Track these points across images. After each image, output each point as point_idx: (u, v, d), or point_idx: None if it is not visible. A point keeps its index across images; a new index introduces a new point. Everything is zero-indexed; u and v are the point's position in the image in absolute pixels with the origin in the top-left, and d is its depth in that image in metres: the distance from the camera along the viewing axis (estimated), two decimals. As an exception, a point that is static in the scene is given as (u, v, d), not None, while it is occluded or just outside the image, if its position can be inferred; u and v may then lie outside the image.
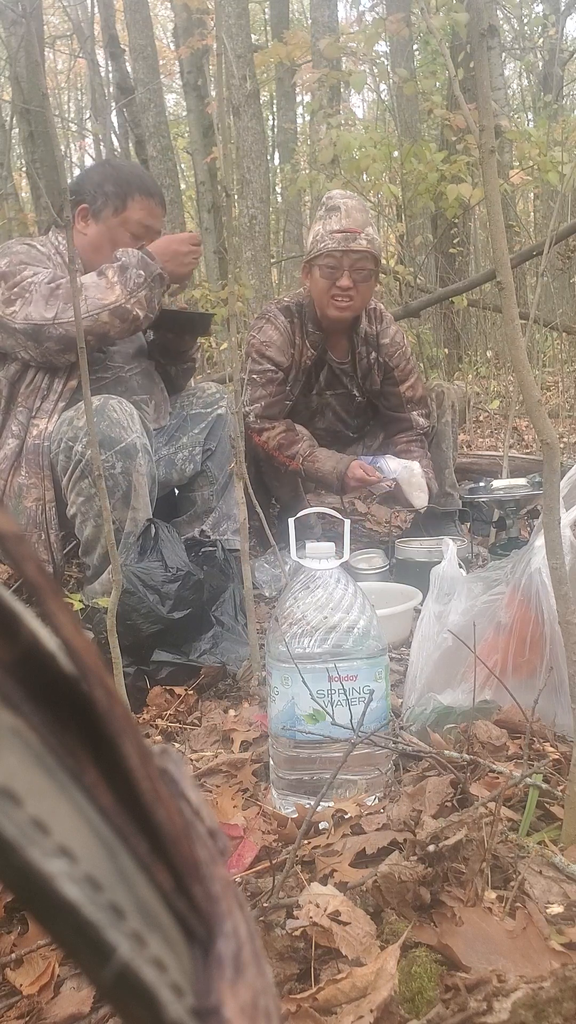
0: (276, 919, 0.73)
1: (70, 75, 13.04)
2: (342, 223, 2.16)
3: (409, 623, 1.70)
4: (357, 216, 2.18)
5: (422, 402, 2.44)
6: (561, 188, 3.32)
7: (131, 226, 1.87)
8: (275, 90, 10.41)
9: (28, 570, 0.20)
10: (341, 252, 2.17)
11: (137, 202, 1.88)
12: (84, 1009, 0.70)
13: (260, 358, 2.31)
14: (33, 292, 1.70)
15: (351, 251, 2.16)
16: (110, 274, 1.74)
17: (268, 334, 2.32)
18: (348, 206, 2.19)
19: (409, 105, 6.26)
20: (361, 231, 2.16)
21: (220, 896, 0.22)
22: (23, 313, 1.69)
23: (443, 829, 0.75)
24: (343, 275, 2.19)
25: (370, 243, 2.18)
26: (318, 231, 2.21)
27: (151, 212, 1.91)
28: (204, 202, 8.32)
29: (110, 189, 1.87)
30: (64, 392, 1.79)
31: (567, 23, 11.25)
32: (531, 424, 2.21)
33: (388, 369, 2.41)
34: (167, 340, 2.07)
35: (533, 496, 2.13)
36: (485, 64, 1.04)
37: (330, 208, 2.20)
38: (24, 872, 0.18)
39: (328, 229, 2.18)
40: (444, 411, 2.52)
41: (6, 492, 1.78)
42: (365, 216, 2.20)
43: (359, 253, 2.17)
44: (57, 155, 1.36)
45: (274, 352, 2.31)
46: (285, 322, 2.33)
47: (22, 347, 1.74)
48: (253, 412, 2.29)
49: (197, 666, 1.47)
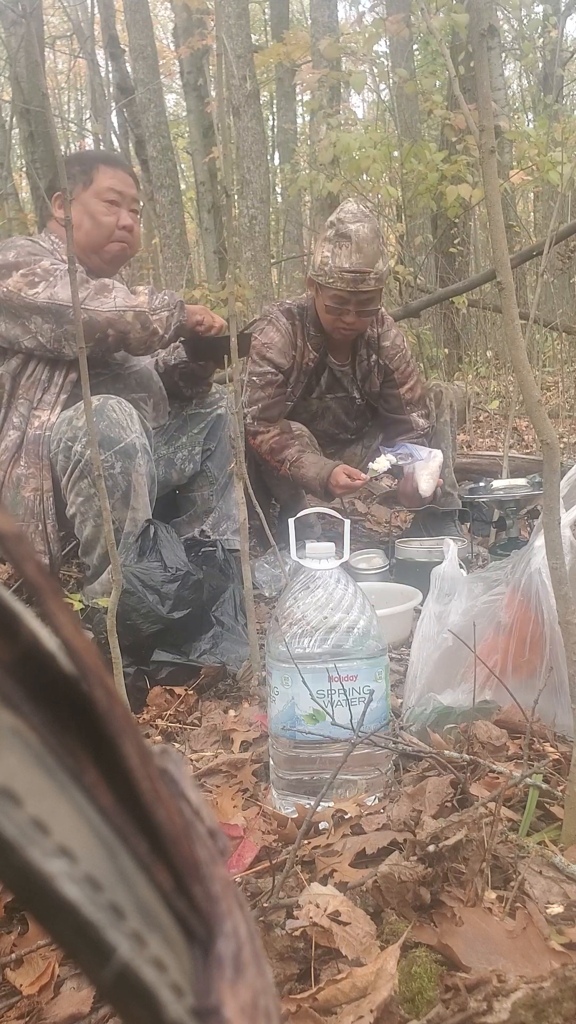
0: (276, 919, 0.73)
1: (70, 75, 13.04)
2: (352, 260, 2.11)
3: (409, 623, 1.70)
4: (368, 249, 2.11)
5: (421, 403, 2.44)
6: (561, 188, 3.32)
7: (104, 194, 1.89)
8: (275, 90, 10.41)
9: (28, 570, 0.20)
10: (349, 292, 2.15)
11: (102, 171, 1.90)
12: (84, 1009, 0.70)
13: (260, 360, 2.30)
14: (59, 276, 1.72)
15: (359, 291, 2.15)
16: (140, 289, 1.79)
17: (270, 336, 2.32)
18: (360, 236, 2.11)
19: (409, 105, 6.26)
20: (371, 269, 2.11)
21: (220, 896, 0.22)
22: (48, 293, 1.70)
23: (443, 829, 0.75)
24: (349, 313, 2.20)
25: (378, 280, 2.15)
26: (327, 261, 2.15)
27: (120, 179, 1.92)
28: (204, 202, 8.31)
29: (76, 169, 1.89)
30: (65, 385, 1.79)
31: (567, 23, 11.24)
32: (531, 424, 2.21)
33: (388, 372, 2.41)
34: (202, 368, 2.08)
35: (533, 496, 2.13)
36: (485, 64, 1.04)
37: (341, 234, 2.13)
38: (24, 872, 0.18)
39: (338, 265, 2.12)
40: (443, 411, 2.52)
41: (5, 483, 1.78)
42: (376, 245, 2.13)
43: (367, 293, 2.16)
44: (57, 155, 1.35)
45: (275, 354, 2.30)
46: (287, 324, 2.32)
47: (34, 331, 1.73)
48: (250, 414, 2.29)
49: (197, 666, 1.47)
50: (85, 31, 7.86)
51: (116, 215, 1.90)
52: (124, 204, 1.92)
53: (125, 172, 1.96)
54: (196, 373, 2.09)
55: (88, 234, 1.89)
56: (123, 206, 1.91)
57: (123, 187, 1.92)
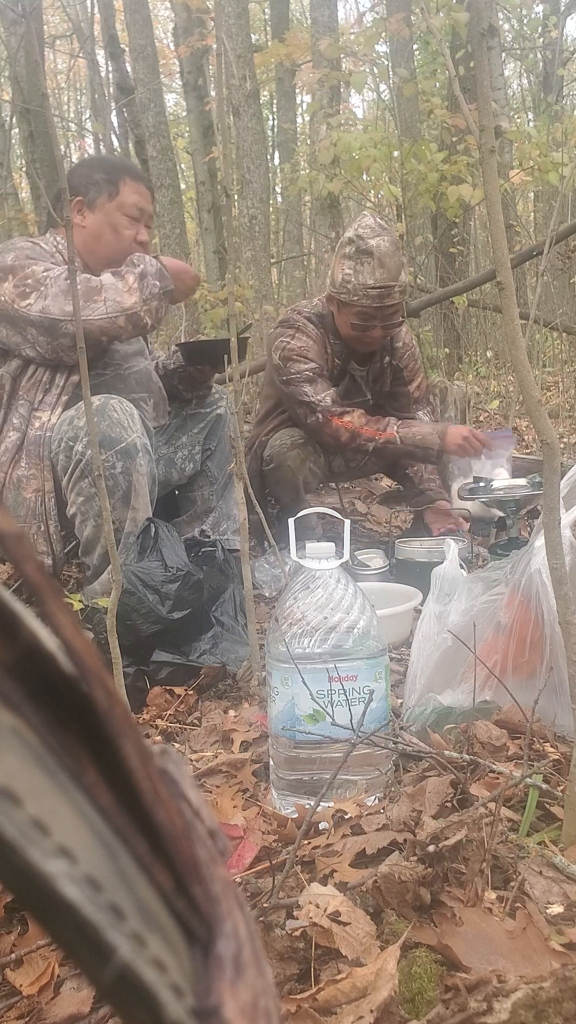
0: (276, 919, 0.73)
1: (70, 75, 13.03)
2: (376, 276, 2.10)
3: (409, 623, 1.70)
4: (390, 263, 2.10)
5: (426, 401, 2.46)
6: (561, 188, 3.32)
7: (127, 209, 1.89)
8: (275, 90, 10.40)
9: (28, 570, 0.20)
10: (376, 308, 2.14)
11: (129, 185, 1.90)
12: (84, 1009, 0.70)
13: (303, 359, 2.29)
14: (50, 286, 1.70)
15: (385, 306, 2.14)
16: (130, 279, 1.76)
17: (304, 341, 2.31)
18: (382, 251, 2.10)
19: (409, 105, 6.26)
20: (395, 282, 2.11)
21: (220, 896, 0.22)
22: (39, 305, 1.69)
23: (443, 829, 0.75)
24: (376, 327, 2.20)
25: (402, 292, 2.15)
26: (349, 279, 2.13)
27: (143, 195, 1.93)
28: (204, 202, 8.31)
29: (100, 177, 1.88)
30: (66, 386, 1.79)
31: (567, 23, 11.24)
32: (531, 424, 2.21)
33: (398, 370, 2.43)
34: (200, 372, 2.07)
35: (533, 496, 2.13)
36: (485, 64, 1.04)
37: (362, 251, 2.11)
38: (24, 872, 0.18)
39: (362, 282, 2.11)
40: (447, 406, 2.54)
41: (6, 484, 1.77)
42: (398, 258, 2.12)
43: (393, 307, 2.15)
44: (57, 155, 1.35)
45: (314, 355, 2.30)
46: (316, 330, 2.32)
47: (31, 342, 1.73)
48: (328, 397, 2.25)
49: (197, 666, 1.47)
50: (85, 31, 7.85)
51: (136, 230, 1.90)
52: (143, 220, 1.93)
53: (146, 187, 1.97)
54: (195, 377, 2.09)
55: (108, 246, 1.88)
56: (142, 222, 1.92)
57: (145, 203, 1.93)
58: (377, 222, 2.17)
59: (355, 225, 2.22)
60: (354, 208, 8.43)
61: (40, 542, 1.77)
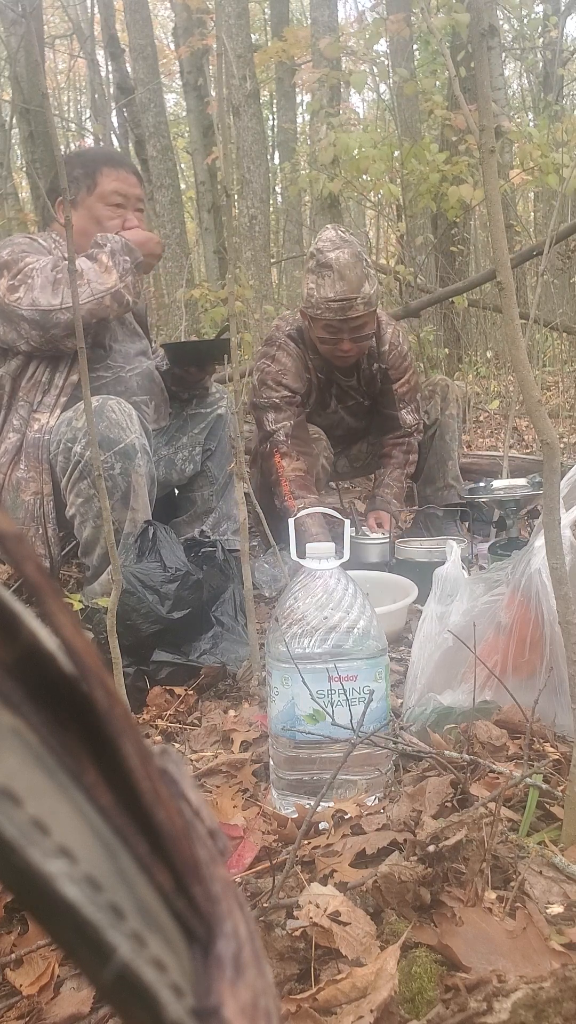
0: (276, 919, 0.73)
1: (70, 75, 13.03)
2: (336, 288, 2.09)
3: (404, 616, 1.71)
4: (351, 275, 2.09)
5: (411, 399, 2.45)
6: (562, 189, 3.31)
7: (108, 198, 1.87)
8: (275, 90, 10.40)
9: (28, 570, 0.20)
10: (340, 321, 2.14)
11: (106, 174, 1.88)
12: (84, 1009, 0.70)
13: (277, 386, 2.30)
14: (35, 277, 1.70)
15: (349, 319, 2.14)
16: (103, 259, 1.74)
17: (282, 362, 2.31)
18: (340, 263, 2.09)
19: (409, 105, 6.26)
20: (357, 294, 2.09)
21: (220, 896, 0.22)
22: (28, 298, 1.69)
23: (443, 829, 0.75)
24: (344, 341, 2.19)
25: (366, 305, 2.13)
26: (312, 293, 2.14)
27: (124, 180, 1.90)
28: (204, 202, 8.31)
29: (78, 172, 1.87)
30: (65, 387, 1.79)
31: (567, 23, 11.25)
32: (531, 424, 2.21)
33: (385, 370, 2.42)
34: (188, 374, 2.07)
35: (533, 496, 2.13)
36: (485, 64, 1.04)
37: (322, 264, 2.11)
38: (24, 872, 0.18)
39: (324, 296, 2.11)
40: (448, 404, 2.53)
41: (5, 486, 1.77)
42: (359, 270, 2.10)
43: (358, 319, 2.15)
44: (57, 155, 1.35)
45: (290, 379, 2.30)
46: (297, 348, 2.32)
47: (25, 336, 1.73)
48: (282, 431, 2.26)
49: (197, 666, 1.47)
50: (85, 31, 7.85)
51: (122, 218, 1.88)
52: (129, 205, 1.90)
53: (128, 171, 1.94)
54: (185, 379, 2.09)
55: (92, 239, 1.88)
56: (128, 207, 1.89)
57: (127, 188, 1.90)
58: (338, 234, 2.15)
59: (316, 238, 2.22)
60: (354, 208, 8.43)
61: (38, 545, 1.77)
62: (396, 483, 2.42)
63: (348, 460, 2.64)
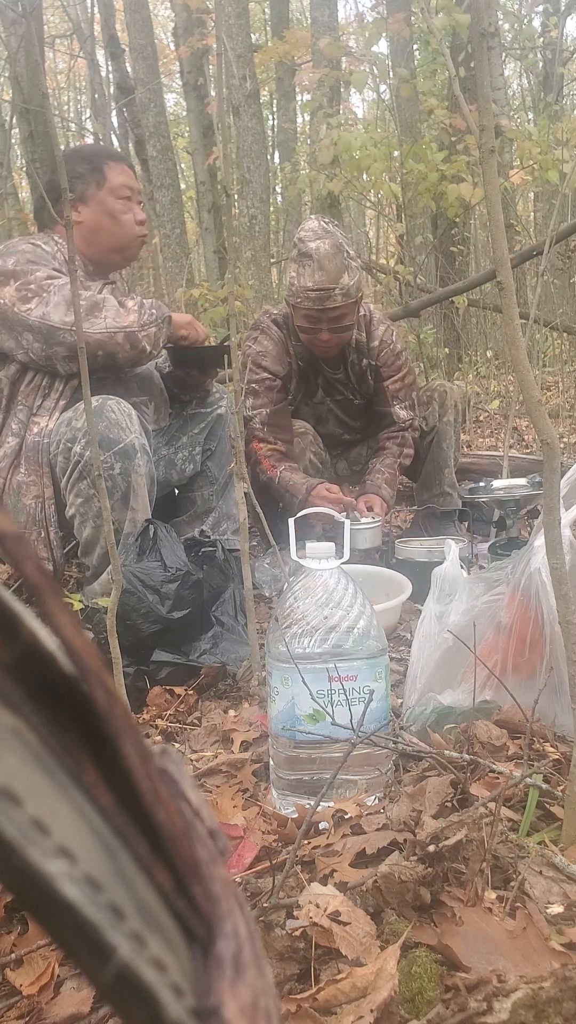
0: (276, 919, 0.73)
1: (70, 75, 13.02)
2: (315, 278, 2.10)
3: (398, 612, 1.71)
4: (330, 266, 2.10)
5: (405, 396, 2.44)
6: (562, 188, 3.31)
7: (118, 191, 1.89)
8: (275, 90, 10.41)
9: (28, 570, 0.20)
10: (318, 311, 2.15)
11: (113, 168, 1.90)
12: (84, 1009, 0.70)
13: (257, 368, 2.32)
14: (53, 293, 1.70)
15: (327, 309, 2.15)
16: (130, 304, 1.78)
17: (263, 344, 2.34)
18: (320, 253, 2.10)
19: (409, 105, 6.26)
20: (335, 285, 2.11)
21: (220, 896, 0.22)
22: (40, 311, 1.69)
23: (443, 829, 0.75)
24: (322, 331, 2.20)
25: (345, 296, 2.13)
26: (293, 281, 2.16)
27: (127, 173, 1.93)
28: (204, 202, 8.31)
29: (83, 168, 1.88)
30: (65, 391, 1.79)
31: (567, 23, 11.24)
32: (531, 424, 2.21)
33: (378, 368, 2.42)
34: (190, 377, 2.08)
35: (533, 496, 2.13)
36: (485, 64, 1.03)
37: (303, 254, 2.13)
38: (24, 872, 0.18)
39: (303, 285, 2.13)
40: (446, 410, 2.52)
41: (5, 490, 1.77)
42: (338, 261, 2.11)
43: (336, 310, 2.16)
44: (57, 155, 1.35)
45: (270, 362, 2.32)
46: (279, 333, 2.34)
47: (25, 347, 1.73)
48: (258, 418, 2.29)
49: (197, 666, 1.47)
50: (85, 31, 7.85)
51: (132, 211, 1.91)
52: (136, 199, 1.93)
53: (127, 165, 1.97)
54: (186, 381, 2.09)
55: (110, 234, 1.89)
56: (134, 200, 1.93)
57: (132, 181, 1.93)
58: (321, 225, 2.17)
59: (300, 228, 2.24)
60: (354, 208, 8.43)
61: (40, 548, 1.77)
62: (388, 470, 2.40)
63: (348, 463, 2.63)
